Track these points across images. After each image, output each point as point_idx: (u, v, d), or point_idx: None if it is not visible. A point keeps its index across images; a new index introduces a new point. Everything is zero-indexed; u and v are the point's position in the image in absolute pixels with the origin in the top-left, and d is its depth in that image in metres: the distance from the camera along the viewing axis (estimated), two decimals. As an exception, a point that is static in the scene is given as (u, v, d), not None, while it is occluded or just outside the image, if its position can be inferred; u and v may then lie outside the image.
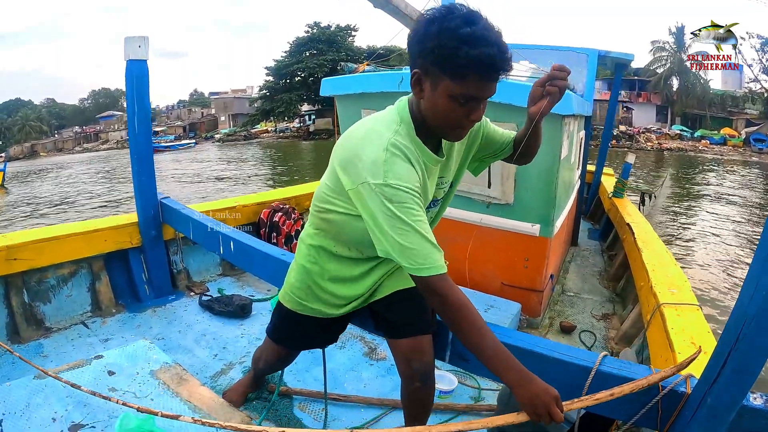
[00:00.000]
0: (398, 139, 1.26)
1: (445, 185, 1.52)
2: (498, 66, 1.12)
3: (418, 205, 1.23)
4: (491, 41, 1.10)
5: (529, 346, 1.56)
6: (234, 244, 2.57)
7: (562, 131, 3.02)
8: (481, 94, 1.17)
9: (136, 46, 3.06)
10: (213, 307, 3.22)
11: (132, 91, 3.12)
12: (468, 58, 1.10)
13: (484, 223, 3.25)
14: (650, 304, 2.72)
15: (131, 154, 3.26)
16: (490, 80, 1.14)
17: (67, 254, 3.13)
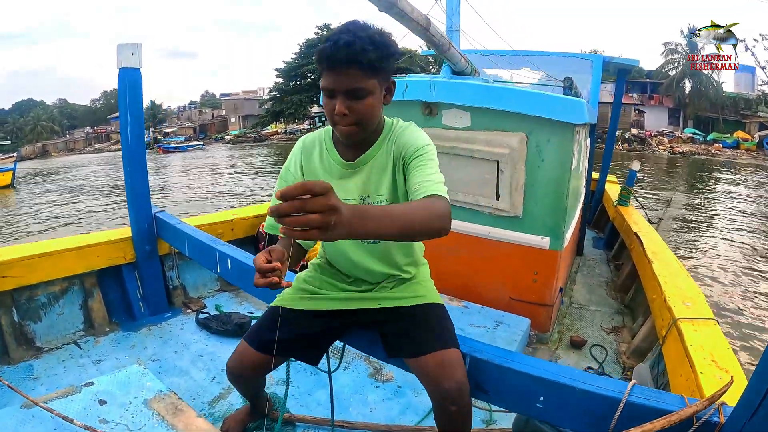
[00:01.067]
0: (315, 136, 1.55)
1: (367, 202, 1.46)
2: (331, 57, 1.23)
3: (282, 180, 1.57)
4: (333, 38, 1.24)
5: (553, 376, 1.45)
6: (231, 262, 2.44)
7: (573, 141, 2.92)
8: (330, 86, 1.28)
9: (128, 53, 2.95)
10: (210, 325, 3.09)
11: (125, 100, 3.00)
12: (317, 54, 1.28)
13: (491, 236, 3.14)
14: (665, 319, 2.63)
15: (124, 166, 3.14)
16: (331, 72, 1.26)
17: (58, 271, 3.00)
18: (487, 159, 2.95)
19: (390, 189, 1.46)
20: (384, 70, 1.31)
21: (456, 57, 2.79)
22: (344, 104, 1.30)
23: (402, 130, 1.46)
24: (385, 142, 1.47)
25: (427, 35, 2.33)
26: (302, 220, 0.78)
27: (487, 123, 2.91)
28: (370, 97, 1.31)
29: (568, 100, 2.77)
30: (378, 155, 1.46)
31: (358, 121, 1.33)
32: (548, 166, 2.90)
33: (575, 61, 4.68)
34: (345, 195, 1.47)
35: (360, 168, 1.47)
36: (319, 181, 0.81)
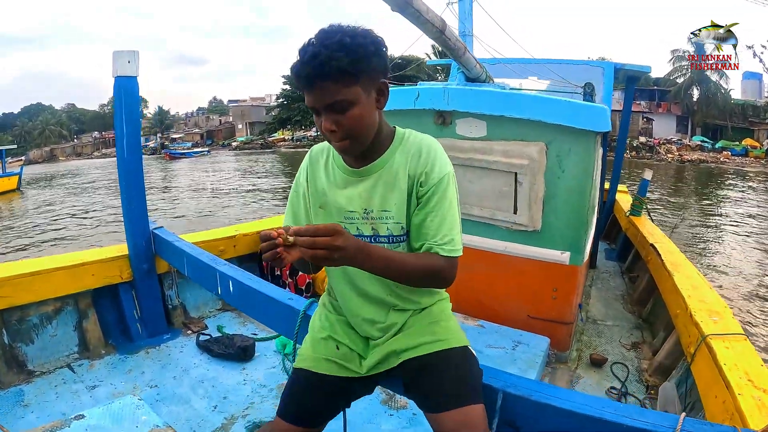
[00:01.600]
0: (324, 144, 1.41)
1: (370, 217, 1.34)
2: (300, 75, 1.14)
3: (294, 192, 1.47)
4: (300, 52, 1.14)
5: (597, 412, 1.31)
6: (233, 284, 2.27)
7: (595, 150, 2.76)
8: (311, 104, 1.19)
9: (125, 61, 2.80)
10: (212, 348, 2.92)
11: (120, 111, 2.86)
12: (290, 70, 1.18)
13: (508, 251, 2.97)
14: (692, 335, 2.52)
15: (120, 180, 2.98)
16: (307, 89, 1.17)
17: (50, 290, 2.85)
18: (505, 171, 2.79)
19: (399, 208, 1.31)
20: (364, 74, 1.16)
21: (471, 63, 2.62)
22: (330, 120, 1.19)
23: (420, 146, 1.31)
24: (396, 153, 1.32)
25: (442, 38, 2.17)
26: (310, 253, 1.05)
27: (505, 132, 2.74)
28: (354, 107, 1.17)
29: (591, 107, 2.62)
30: (387, 166, 1.31)
31: (348, 134, 1.21)
32: (569, 177, 2.74)
33: (586, 68, 4.55)
34: (347, 205, 1.34)
35: (365, 177, 1.33)
36: (329, 225, 1.07)
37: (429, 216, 1.28)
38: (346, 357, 1.43)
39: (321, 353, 1.44)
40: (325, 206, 1.38)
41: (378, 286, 1.39)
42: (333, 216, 1.37)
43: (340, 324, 1.49)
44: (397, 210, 1.31)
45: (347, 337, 1.46)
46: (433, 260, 1.25)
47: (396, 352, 1.39)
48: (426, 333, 1.40)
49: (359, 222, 1.34)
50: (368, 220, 1.33)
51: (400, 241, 1.34)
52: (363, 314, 1.43)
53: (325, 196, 1.38)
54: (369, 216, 1.33)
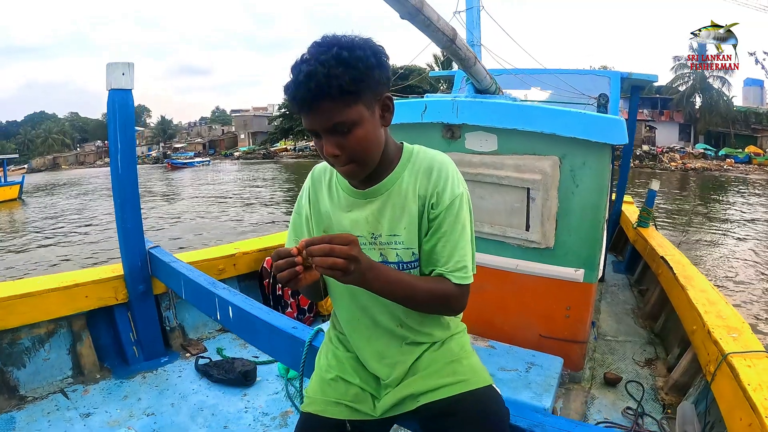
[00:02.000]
0: (325, 164, 1.28)
1: (378, 242, 1.23)
2: (296, 97, 1.03)
3: (296, 214, 1.36)
4: (293, 71, 1.04)
5: None
6: (233, 310, 2.15)
7: (610, 163, 2.65)
8: (309, 127, 1.08)
9: (119, 73, 2.70)
10: (211, 373, 2.80)
11: (114, 125, 2.74)
12: (284, 90, 1.07)
13: (520, 269, 2.85)
14: (711, 353, 2.43)
15: (114, 197, 2.87)
16: (304, 112, 1.05)
17: (43, 312, 2.73)
18: (517, 186, 2.67)
19: (409, 232, 1.20)
20: (367, 90, 1.05)
21: (481, 73, 2.51)
22: (332, 143, 1.08)
23: (431, 163, 1.20)
24: (404, 172, 1.21)
25: (452, 48, 2.05)
26: (329, 261, 0.96)
27: (516, 146, 2.63)
28: (358, 128, 1.06)
29: (608, 119, 2.50)
30: (395, 187, 1.20)
31: (353, 158, 1.10)
32: (583, 192, 2.62)
33: (592, 78, 4.42)
34: (353, 229, 1.23)
35: (372, 199, 1.22)
36: (344, 234, 1.00)
37: (440, 242, 1.18)
38: (358, 398, 1.31)
39: (330, 396, 1.32)
40: (329, 230, 1.28)
41: (387, 315, 1.27)
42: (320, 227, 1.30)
43: (348, 361, 1.36)
44: (407, 234, 1.20)
45: (357, 376, 1.34)
46: (444, 286, 1.17)
47: (413, 395, 1.26)
48: (446, 373, 1.28)
49: (366, 247, 1.22)
50: (376, 245, 1.22)
51: (411, 268, 1.23)
52: (372, 347, 1.31)
53: (329, 220, 1.28)
54: (377, 241, 1.22)
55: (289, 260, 0.98)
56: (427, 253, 1.21)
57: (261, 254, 3.76)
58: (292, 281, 0.99)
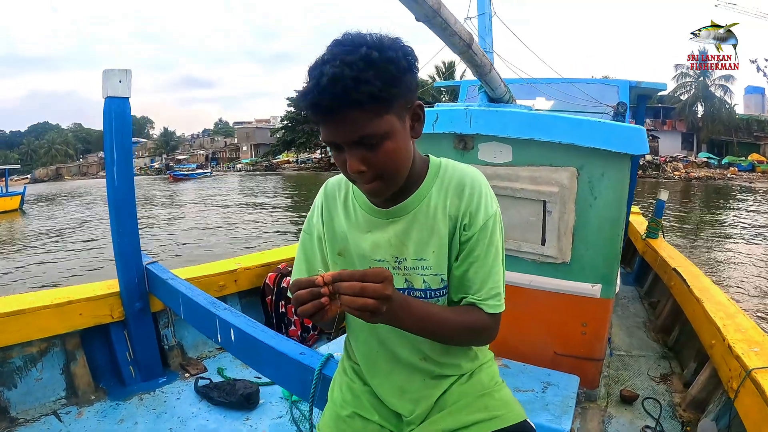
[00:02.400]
0: (340, 178, 1.19)
1: (403, 267, 1.10)
2: (317, 104, 0.88)
3: (306, 234, 1.22)
4: (313, 74, 0.89)
5: None
6: (235, 333, 2.01)
7: (629, 174, 2.53)
8: (331, 139, 0.94)
9: (116, 81, 2.59)
10: (211, 395, 2.67)
11: (110, 134, 2.63)
12: (301, 97, 0.92)
13: (534, 285, 2.73)
14: (733, 369, 2.35)
15: (110, 209, 2.75)
16: (326, 122, 0.92)
17: (35, 330, 2.61)
18: (532, 199, 2.55)
19: (438, 256, 1.08)
20: (399, 97, 0.92)
21: (496, 81, 2.39)
22: (357, 159, 0.94)
23: (463, 179, 1.08)
24: (433, 188, 1.08)
25: (468, 53, 1.93)
26: (359, 302, 0.84)
27: (532, 157, 2.51)
28: (387, 141, 0.93)
29: (629, 128, 2.39)
30: (423, 205, 1.08)
31: (380, 174, 0.97)
32: (601, 205, 2.51)
33: (600, 87, 4.32)
34: (373, 252, 1.10)
35: (396, 219, 1.09)
36: (378, 270, 0.87)
37: (473, 267, 1.07)
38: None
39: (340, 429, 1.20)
40: (344, 253, 1.15)
41: (408, 348, 1.14)
42: (355, 265, 1.13)
43: (366, 396, 1.23)
44: (436, 259, 1.08)
45: (376, 412, 1.21)
46: (477, 317, 1.07)
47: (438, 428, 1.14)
48: (478, 408, 1.15)
49: None
50: (400, 270, 1.10)
51: (439, 296, 1.10)
52: (392, 382, 1.18)
53: (344, 241, 1.14)
54: (401, 266, 1.10)
55: (313, 291, 0.85)
56: (457, 279, 1.10)
57: (263, 270, 3.64)
58: (317, 314, 0.86)
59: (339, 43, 0.90)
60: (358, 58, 0.85)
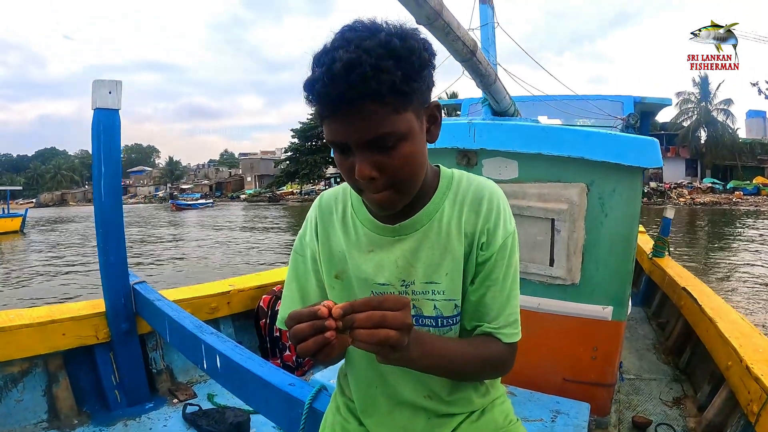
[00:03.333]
0: (336, 191, 1.07)
1: (410, 291, 0.97)
2: (327, 95, 0.75)
3: (298, 256, 1.08)
4: (324, 60, 0.75)
5: None
6: (221, 360, 1.87)
7: (641, 189, 2.42)
8: (338, 139, 0.81)
9: (105, 92, 2.50)
10: (200, 423, 2.52)
11: (98, 147, 2.54)
12: (303, 89, 0.80)
13: (542, 308, 2.60)
14: (752, 391, 2.25)
15: (96, 227, 2.65)
16: (333, 117, 0.78)
17: (16, 350, 2.49)
18: (540, 217, 2.43)
19: (451, 279, 0.94)
20: (419, 94, 0.81)
21: (501, 93, 2.30)
22: (369, 162, 0.81)
23: (480, 193, 0.96)
24: (445, 202, 0.96)
25: (472, 61, 1.84)
26: (381, 335, 0.71)
27: (539, 173, 2.40)
28: (404, 143, 0.81)
29: (641, 139, 2.28)
30: (435, 222, 0.95)
31: (393, 182, 0.84)
32: (613, 222, 2.39)
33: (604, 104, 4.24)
34: (376, 275, 0.96)
35: (403, 237, 0.96)
36: (397, 296, 0.75)
37: (490, 291, 0.95)
38: None
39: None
40: (342, 276, 1.01)
41: (412, 384, 1.00)
42: (354, 289, 0.99)
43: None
44: (450, 282, 0.94)
45: None
46: (494, 349, 0.95)
47: None
48: None
49: None
50: (407, 295, 0.95)
51: (452, 324, 0.97)
52: (392, 423, 1.04)
53: (343, 263, 1.00)
54: (408, 290, 0.96)
55: (316, 325, 0.71)
56: (473, 305, 0.97)
57: (257, 292, 3.51)
58: (321, 353, 0.72)
59: (352, 28, 0.78)
60: (377, 44, 0.74)
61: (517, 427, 1.08)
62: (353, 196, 1.01)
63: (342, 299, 0.98)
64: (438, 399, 1.01)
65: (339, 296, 1.00)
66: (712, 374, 2.95)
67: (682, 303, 3.78)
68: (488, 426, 1.04)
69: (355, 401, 1.09)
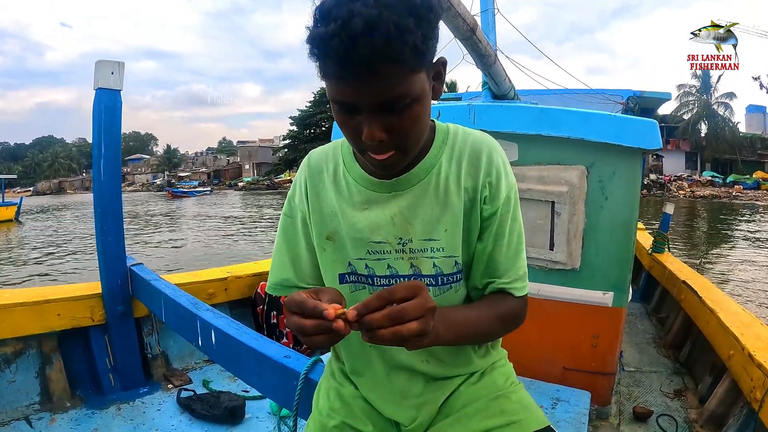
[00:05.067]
0: (327, 148, 1.04)
1: (407, 250, 0.93)
2: (343, 55, 0.69)
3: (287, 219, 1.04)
4: (337, 14, 0.69)
5: None
6: (216, 335, 1.84)
7: (641, 172, 2.42)
8: (347, 99, 0.75)
9: (108, 72, 2.49)
10: (194, 407, 2.48)
11: (99, 128, 2.52)
12: (310, 42, 0.74)
13: (542, 294, 2.58)
14: (756, 378, 2.24)
15: (95, 207, 2.63)
16: (345, 76, 0.72)
17: (9, 329, 2.46)
18: (540, 200, 2.42)
19: (451, 235, 0.92)
20: (431, 53, 0.78)
21: (500, 75, 2.28)
22: (380, 124, 0.77)
23: (478, 147, 0.93)
24: (442, 156, 0.92)
25: (472, 39, 1.82)
26: (404, 332, 0.68)
27: (539, 155, 2.39)
28: (416, 104, 0.78)
29: (641, 120, 2.28)
30: (432, 176, 0.92)
31: (399, 144, 0.81)
32: (613, 206, 2.39)
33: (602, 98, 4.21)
34: (372, 233, 0.93)
35: (399, 192, 0.92)
36: (408, 283, 0.71)
37: (499, 246, 0.93)
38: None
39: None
40: (334, 237, 0.97)
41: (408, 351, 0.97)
42: (347, 250, 0.96)
43: (357, 402, 1.05)
44: (449, 239, 0.92)
45: (370, 421, 1.03)
46: (509, 304, 0.95)
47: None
48: (492, 413, 0.97)
49: (391, 257, 0.93)
50: (404, 253, 0.93)
51: (452, 282, 0.94)
52: (388, 386, 1.01)
53: (335, 222, 0.96)
54: (406, 248, 0.93)
55: (323, 326, 0.70)
56: (481, 261, 0.95)
57: (255, 279, 3.49)
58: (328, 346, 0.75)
59: None
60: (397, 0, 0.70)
61: (518, 388, 1.05)
62: (344, 152, 0.99)
63: (334, 261, 0.97)
64: (436, 361, 0.99)
65: (330, 258, 0.98)
66: (713, 366, 2.95)
67: (683, 296, 3.78)
68: (488, 388, 1.01)
69: (347, 366, 1.07)
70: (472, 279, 0.97)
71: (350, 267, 0.96)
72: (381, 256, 0.93)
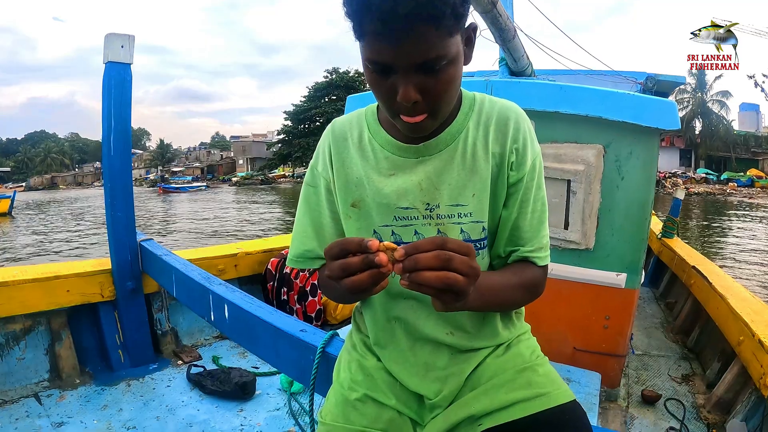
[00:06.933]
0: (352, 116, 1.00)
1: (435, 215, 0.92)
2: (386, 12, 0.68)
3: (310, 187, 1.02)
4: None
5: None
6: (229, 309, 1.82)
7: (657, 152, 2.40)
8: (384, 60, 0.74)
9: (118, 46, 2.46)
10: (204, 383, 2.47)
11: (110, 102, 2.49)
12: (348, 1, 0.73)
13: (555, 274, 2.55)
14: (765, 364, 2.24)
15: (104, 182, 2.61)
16: (384, 37, 0.71)
17: (19, 306, 2.45)
18: (556, 178, 2.40)
19: (479, 200, 0.90)
20: (466, 15, 0.77)
21: (519, 51, 2.25)
22: (414, 85, 0.76)
23: (505, 113, 0.92)
24: (470, 122, 0.91)
25: (494, 13, 1.80)
26: (449, 279, 0.66)
27: (556, 133, 2.37)
28: (451, 66, 0.77)
29: (659, 100, 2.25)
30: (459, 142, 0.91)
31: (435, 107, 0.80)
32: (628, 185, 2.37)
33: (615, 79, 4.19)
34: (399, 199, 0.92)
35: (427, 158, 0.91)
36: (463, 242, 0.70)
37: (523, 213, 0.92)
38: (394, 425, 0.98)
39: (356, 423, 0.98)
40: (361, 203, 0.95)
41: (433, 321, 0.95)
42: (373, 217, 0.94)
43: (380, 375, 1.02)
44: (477, 204, 0.91)
45: (393, 394, 1.00)
46: (531, 273, 0.94)
47: (473, 417, 0.93)
48: (519, 385, 0.95)
49: (419, 223, 0.91)
50: (432, 219, 0.91)
51: (480, 248, 0.92)
52: (412, 360, 0.98)
53: (361, 189, 0.94)
54: (433, 214, 0.91)
55: (368, 259, 0.67)
56: (507, 229, 0.94)
57: (265, 256, 3.47)
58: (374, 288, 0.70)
59: None
60: None
61: (544, 362, 1.03)
62: (369, 119, 0.97)
63: (359, 228, 0.95)
64: (462, 333, 0.97)
65: (356, 226, 0.96)
66: (722, 352, 2.94)
67: (692, 282, 3.76)
68: (515, 360, 0.99)
69: (371, 338, 1.04)
70: (495, 247, 0.96)
71: (375, 235, 0.94)
72: (408, 222, 0.92)
